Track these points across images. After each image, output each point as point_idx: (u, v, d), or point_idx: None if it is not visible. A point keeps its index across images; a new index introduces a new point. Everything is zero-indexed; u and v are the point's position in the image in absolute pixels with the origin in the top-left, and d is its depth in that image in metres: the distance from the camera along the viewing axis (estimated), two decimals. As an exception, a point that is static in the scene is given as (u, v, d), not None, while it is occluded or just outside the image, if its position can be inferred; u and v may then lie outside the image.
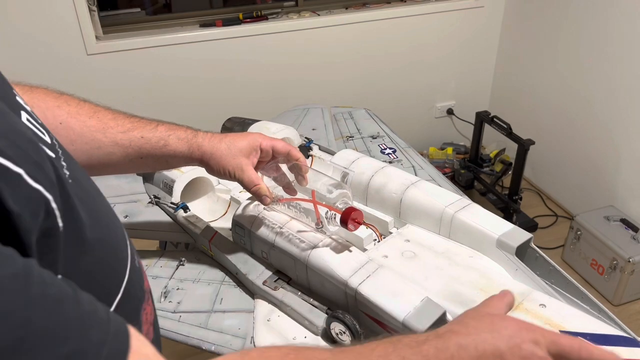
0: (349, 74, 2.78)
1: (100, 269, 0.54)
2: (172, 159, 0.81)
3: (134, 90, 2.41)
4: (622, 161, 2.35)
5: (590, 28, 2.39)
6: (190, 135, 0.81)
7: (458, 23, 2.85)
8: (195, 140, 0.81)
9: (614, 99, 2.34)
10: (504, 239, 0.83)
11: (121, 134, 0.78)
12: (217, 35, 2.45)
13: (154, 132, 0.80)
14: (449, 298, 0.77)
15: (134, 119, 0.81)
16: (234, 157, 0.80)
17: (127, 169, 0.83)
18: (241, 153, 0.80)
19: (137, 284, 0.63)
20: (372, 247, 0.89)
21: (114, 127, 0.78)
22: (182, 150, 0.80)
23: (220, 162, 0.80)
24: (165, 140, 0.80)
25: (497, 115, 2.58)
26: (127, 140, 0.78)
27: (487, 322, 0.55)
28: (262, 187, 0.81)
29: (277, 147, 0.83)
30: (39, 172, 0.42)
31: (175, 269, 1.00)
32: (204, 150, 0.80)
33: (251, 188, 0.81)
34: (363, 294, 0.75)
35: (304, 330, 0.83)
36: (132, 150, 0.79)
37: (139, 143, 0.79)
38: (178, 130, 0.82)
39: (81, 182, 0.54)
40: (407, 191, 0.93)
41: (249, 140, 0.82)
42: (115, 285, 0.57)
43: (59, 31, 2.19)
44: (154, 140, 0.79)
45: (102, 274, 0.54)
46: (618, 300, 2.18)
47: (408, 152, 1.36)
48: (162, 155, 0.80)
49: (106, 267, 0.55)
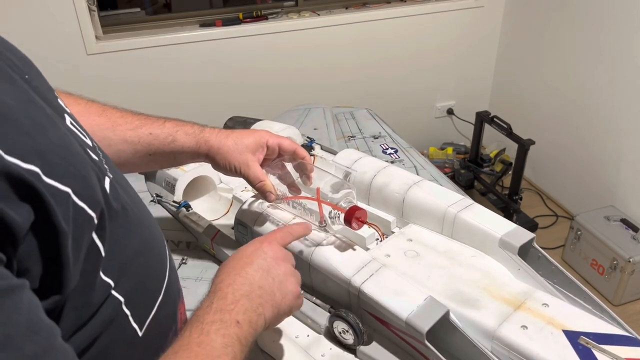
0: (349, 74, 2.78)
1: (146, 272, 0.54)
2: (179, 155, 0.82)
3: (134, 90, 2.41)
4: (622, 161, 2.36)
5: (590, 28, 2.39)
6: (198, 130, 0.82)
7: (458, 23, 2.85)
8: (202, 135, 0.81)
9: (614, 99, 2.35)
10: (507, 238, 0.83)
11: (130, 131, 0.79)
12: (217, 35, 2.45)
13: (161, 128, 0.80)
14: (451, 297, 0.77)
15: (142, 116, 0.81)
16: (241, 153, 0.80)
17: (135, 167, 0.83)
18: (247, 149, 0.80)
19: (174, 285, 0.63)
20: (375, 246, 0.89)
21: (123, 125, 0.79)
22: (189, 145, 0.80)
23: (226, 157, 0.80)
24: (173, 136, 0.80)
25: (497, 115, 2.58)
26: (135, 137, 0.79)
27: (238, 254, 0.68)
28: (267, 184, 0.81)
29: (283, 144, 0.84)
30: (86, 188, 0.43)
31: (177, 268, 1.00)
32: (211, 145, 0.80)
33: (256, 184, 0.81)
34: (366, 293, 0.75)
35: (307, 329, 0.83)
36: (141, 147, 0.79)
37: (147, 139, 0.79)
38: (185, 126, 0.82)
39: (123, 185, 0.54)
40: (410, 191, 0.93)
41: (255, 137, 0.82)
42: (158, 286, 0.58)
43: (59, 31, 2.19)
44: (162, 137, 0.80)
45: (148, 276, 0.55)
46: (618, 300, 2.19)
47: (410, 152, 1.36)
48: (170, 152, 0.81)
49: (151, 271, 0.56)
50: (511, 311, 0.73)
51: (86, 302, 0.45)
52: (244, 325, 0.59)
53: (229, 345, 0.55)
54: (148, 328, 0.55)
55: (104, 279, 0.46)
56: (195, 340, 0.54)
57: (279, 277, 0.67)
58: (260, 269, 0.66)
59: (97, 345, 0.47)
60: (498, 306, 0.75)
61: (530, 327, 0.70)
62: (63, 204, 0.39)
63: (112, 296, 0.48)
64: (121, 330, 0.51)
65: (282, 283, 0.67)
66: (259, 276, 0.65)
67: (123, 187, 0.54)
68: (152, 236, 0.58)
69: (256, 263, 0.66)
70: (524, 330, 0.70)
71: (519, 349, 0.68)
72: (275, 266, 0.67)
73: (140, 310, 0.54)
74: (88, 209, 0.42)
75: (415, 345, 0.72)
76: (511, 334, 0.70)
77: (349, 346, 0.79)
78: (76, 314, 0.44)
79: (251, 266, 0.65)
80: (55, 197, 0.39)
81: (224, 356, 0.54)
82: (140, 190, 1.20)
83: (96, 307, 0.46)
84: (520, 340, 0.69)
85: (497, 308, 0.74)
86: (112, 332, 0.49)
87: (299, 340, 0.81)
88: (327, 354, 0.78)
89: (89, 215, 0.43)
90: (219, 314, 0.58)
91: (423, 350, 0.71)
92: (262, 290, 0.64)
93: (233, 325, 0.57)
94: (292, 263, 0.71)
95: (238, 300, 0.61)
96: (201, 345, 0.53)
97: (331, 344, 0.80)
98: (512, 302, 0.75)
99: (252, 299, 0.62)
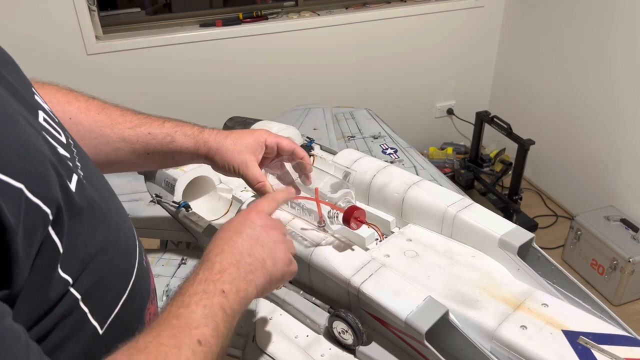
0: (349, 74, 2.78)
1: (109, 270, 0.54)
2: (178, 155, 0.82)
3: (134, 90, 2.41)
4: (622, 161, 2.36)
5: (591, 28, 2.39)
6: (197, 131, 0.82)
7: (458, 23, 2.85)
8: (201, 136, 0.81)
9: (614, 99, 2.35)
10: (506, 238, 0.84)
11: (129, 130, 0.79)
12: (217, 35, 2.45)
13: (161, 128, 0.81)
14: (451, 297, 0.77)
15: (141, 115, 0.81)
16: (239, 153, 0.80)
17: (133, 165, 0.83)
18: (246, 149, 0.80)
19: (143, 284, 0.63)
20: (374, 246, 0.89)
21: (122, 123, 0.79)
22: (188, 146, 0.80)
23: (225, 157, 0.80)
24: (172, 137, 0.80)
25: (497, 115, 2.58)
26: (134, 136, 0.79)
27: (226, 226, 0.68)
28: (265, 185, 0.81)
29: (282, 144, 0.84)
30: (41, 185, 0.43)
31: (177, 268, 1.00)
32: (210, 146, 0.80)
33: (255, 185, 0.81)
34: (365, 293, 0.75)
35: (306, 329, 0.83)
36: (139, 146, 0.79)
37: (146, 139, 0.79)
38: (185, 126, 0.82)
39: (95, 182, 0.54)
40: (409, 191, 0.93)
41: (254, 137, 0.82)
42: (123, 284, 0.57)
43: (59, 31, 2.20)
44: (161, 137, 0.80)
45: (112, 274, 0.55)
46: (618, 300, 2.19)
47: (409, 152, 1.36)
48: (168, 152, 0.81)
49: (115, 268, 0.56)
50: (511, 311, 0.73)
51: (41, 297, 0.45)
52: (230, 294, 0.58)
53: (209, 315, 0.54)
54: (110, 326, 0.55)
55: (61, 275, 0.46)
56: (174, 313, 0.53)
57: (268, 244, 0.67)
58: (249, 238, 0.66)
59: (51, 339, 0.47)
60: (497, 306, 0.74)
61: (529, 327, 0.70)
62: (13, 200, 0.39)
63: (70, 293, 0.48)
64: (78, 327, 0.50)
65: (272, 250, 0.67)
66: (248, 244, 0.65)
67: (94, 185, 0.54)
68: (120, 233, 0.58)
69: (245, 232, 0.66)
70: (523, 330, 0.70)
71: (519, 349, 0.68)
72: (265, 234, 0.67)
73: (101, 307, 0.53)
74: (43, 205, 0.42)
75: (415, 345, 0.72)
76: (511, 334, 0.70)
77: (348, 346, 0.79)
78: (30, 308, 0.44)
79: (239, 235, 0.66)
80: (6, 193, 0.39)
81: (203, 327, 0.53)
82: (139, 191, 1.20)
83: (52, 303, 0.46)
84: (520, 340, 0.69)
85: (496, 308, 0.74)
86: (67, 328, 0.49)
87: (298, 340, 0.81)
88: (326, 354, 0.79)
89: (44, 212, 0.43)
90: (203, 285, 0.57)
91: (422, 350, 0.71)
92: (252, 257, 0.64)
93: (217, 295, 0.57)
94: (281, 231, 0.71)
95: (225, 270, 0.60)
96: (179, 318, 0.52)
97: (330, 344, 0.80)
98: (512, 302, 0.75)
99: (240, 267, 0.62)
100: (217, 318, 0.54)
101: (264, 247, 0.66)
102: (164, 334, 0.50)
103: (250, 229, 0.67)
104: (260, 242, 0.66)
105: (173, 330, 0.51)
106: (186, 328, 0.51)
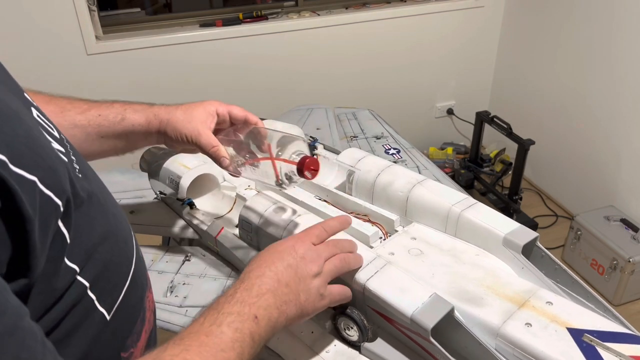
0: (349, 74, 2.79)
1: (112, 258, 0.54)
2: (131, 135, 0.81)
3: (133, 90, 2.41)
4: (622, 161, 2.36)
5: (590, 28, 2.40)
6: (147, 106, 0.82)
7: (458, 23, 2.85)
8: (151, 110, 0.81)
9: (614, 99, 2.35)
10: (511, 237, 0.84)
11: (79, 115, 0.79)
12: (217, 35, 2.45)
13: (110, 108, 0.81)
14: (455, 295, 0.77)
15: (90, 101, 0.82)
16: (190, 122, 0.79)
17: (89, 152, 0.82)
18: (198, 118, 0.80)
19: (141, 273, 0.64)
20: (379, 244, 0.90)
21: (71, 110, 0.79)
22: (140, 122, 0.80)
23: (177, 128, 0.80)
24: (122, 115, 0.80)
25: (497, 115, 2.59)
26: (85, 120, 0.79)
27: (271, 249, 0.70)
28: (220, 149, 0.80)
29: (233, 112, 0.83)
30: (52, 177, 0.44)
31: (181, 264, 1.01)
32: (161, 118, 0.80)
33: (209, 150, 0.80)
34: (371, 290, 0.75)
35: (311, 325, 0.83)
36: (91, 130, 0.79)
37: (97, 121, 0.79)
38: (133, 104, 0.82)
39: (89, 175, 0.55)
40: (414, 190, 0.93)
41: (205, 106, 0.82)
42: (125, 272, 0.58)
43: (59, 31, 2.19)
44: (112, 116, 0.80)
45: (114, 262, 0.55)
46: (618, 300, 2.19)
47: (412, 153, 1.36)
48: (122, 131, 0.80)
49: (117, 257, 0.56)
50: (515, 309, 0.74)
51: (51, 287, 0.46)
52: (261, 321, 0.59)
53: (238, 340, 0.55)
54: (116, 312, 0.55)
55: (69, 265, 0.47)
56: (205, 329, 0.54)
57: (305, 278, 0.67)
58: (289, 267, 0.67)
59: (62, 328, 0.48)
60: (502, 304, 0.75)
61: (534, 324, 0.71)
62: (29, 192, 0.40)
63: (78, 281, 0.49)
64: (87, 315, 0.51)
65: (308, 285, 0.67)
66: (288, 274, 0.66)
67: (89, 177, 0.54)
68: (118, 223, 0.58)
69: (286, 260, 0.67)
70: (528, 327, 0.70)
71: (524, 346, 0.68)
72: (303, 267, 0.68)
73: (107, 295, 0.54)
74: (54, 197, 0.43)
75: (420, 341, 0.72)
76: (515, 332, 0.70)
77: (353, 342, 0.79)
78: (41, 298, 0.45)
79: (281, 262, 0.66)
80: (22, 185, 0.39)
81: (230, 351, 0.54)
82: (143, 188, 1.20)
83: (61, 292, 0.47)
84: (525, 337, 0.69)
85: (501, 306, 0.74)
86: (76, 316, 0.49)
87: (303, 336, 0.81)
88: (331, 350, 0.79)
89: (56, 204, 0.43)
90: (239, 306, 0.58)
91: (427, 347, 0.71)
92: (289, 288, 0.65)
93: (249, 320, 0.57)
94: (319, 264, 0.70)
95: (263, 295, 0.61)
96: (209, 336, 0.53)
97: (336, 340, 0.80)
98: (516, 300, 0.75)
99: (277, 295, 0.63)
100: (244, 344, 0.56)
101: (300, 280, 0.67)
102: (192, 350, 0.51)
103: (292, 258, 0.68)
104: (299, 274, 0.67)
105: (201, 348, 0.52)
106: (214, 348, 0.53)
